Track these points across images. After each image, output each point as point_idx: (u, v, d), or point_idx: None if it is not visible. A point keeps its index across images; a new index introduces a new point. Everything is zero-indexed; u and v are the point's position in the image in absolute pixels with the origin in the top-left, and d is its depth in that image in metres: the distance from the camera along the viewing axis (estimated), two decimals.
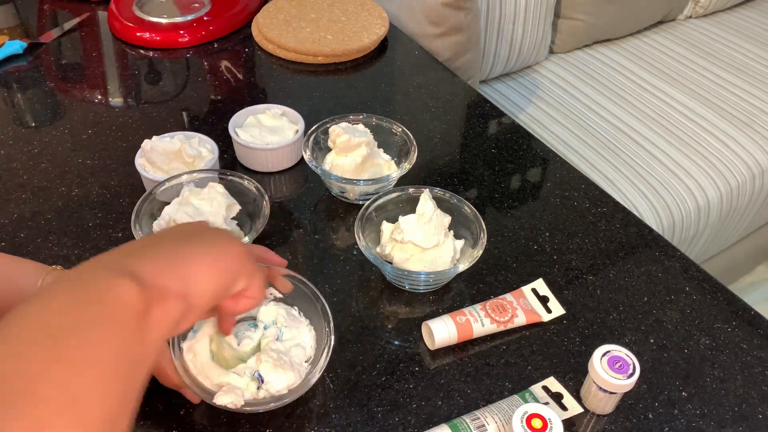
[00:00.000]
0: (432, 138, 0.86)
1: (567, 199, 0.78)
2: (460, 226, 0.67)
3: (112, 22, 1.03)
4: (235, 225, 0.67)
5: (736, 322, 0.65)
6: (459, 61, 1.13)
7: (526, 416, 0.50)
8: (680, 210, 1.19)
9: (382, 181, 0.72)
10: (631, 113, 1.34)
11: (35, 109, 0.89)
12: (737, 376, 0.60)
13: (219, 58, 0.99)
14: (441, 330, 0.60)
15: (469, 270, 0.65)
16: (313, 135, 0.75)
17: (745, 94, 1.41)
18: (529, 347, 0.62)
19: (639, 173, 1.21)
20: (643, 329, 0.64)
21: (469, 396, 0.58)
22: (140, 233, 0.63)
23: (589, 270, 0.70)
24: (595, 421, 0.57)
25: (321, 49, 0.97)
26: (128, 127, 0.85)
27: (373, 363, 0.60)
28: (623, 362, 0.54)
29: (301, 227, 0.73)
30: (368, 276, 0.68)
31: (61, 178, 0.77)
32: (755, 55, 1.54)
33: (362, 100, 0.92)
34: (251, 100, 0.91)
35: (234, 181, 0.68)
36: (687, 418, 0.57)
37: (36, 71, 0.95)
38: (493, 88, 1.42)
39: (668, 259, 0.71)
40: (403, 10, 1.11)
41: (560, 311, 0.65)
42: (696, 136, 1.30)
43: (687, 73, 1.47)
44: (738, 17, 1.70)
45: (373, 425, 0.55)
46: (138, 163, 0.73)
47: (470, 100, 0.94)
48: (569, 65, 1.48)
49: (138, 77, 0.95)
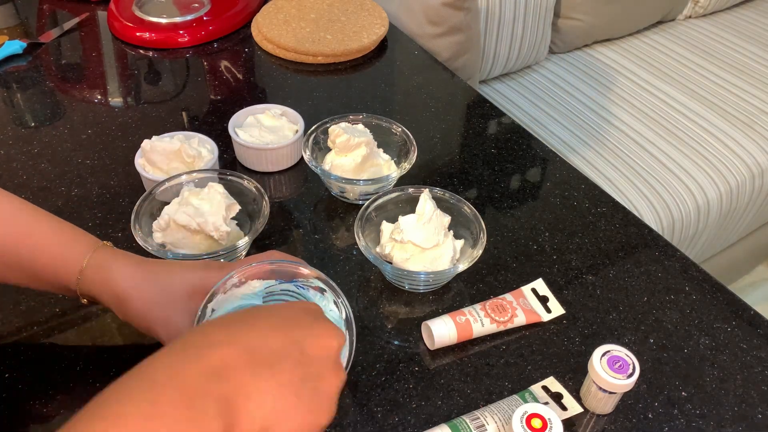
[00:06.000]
0: (432, 138, 0.86)
1: (567, 199, 0.78)
2: (460, 226, 0.67)
3: (112, 22, 1.03)
4: (235, 225, 0.67)
5: (736, 322, 0.65)
6: (459, 61, 1.13)
7: (526, 416, 0.50)
8: (680, 210, 1.19)
9: (382, 181, 0.72)
10: (631, 113, 1.34)
11: (35, 109, 0.88)
12: (737, 376, 0.60)
13: (219, 58, 0.99)
14: (441, 330, 0.60)
15: (469, 270, 0.65)
16: (313, 135, 0.75)
17: (744, 94, 1.41)
18: (529, 347, 0.62)
19: (639, 173, 1.21)
20: (642, 329, 0.64)
21: (468, 396, 0.58)
22: (140, 233, 0.62)
23: (589, 270, 0.70)
24: (595, 421, 0.57)
25: (321, 49, 0.97)
26: (128, 127, 0.85)
27: (373, 363, 0.60)
28: (623, 362, 0.54)
29: (301, 227, 0.73)
30: (368, 276, 0.68)
31: (61, 178, 0.77)
32: (755, 55, 1.54)
33: (362, 100, 0.92)
34: (251, 100, 0.91)
35: (234, 181, 0.68)
36: (687, 418, 0.57)
37: (36, 71, 0.95)
38: (493, 88, 1.42)
39: (668, 259, 0.71)
40: (402, 10, 1.11)
41: (560, 311, 0.65)
42: (696, 135, 1.30)
43: (687, 73, 1.47)
44: (738, 17, 1.70)
45: (373, 425, 0.55)
46: (138, 163, 0.73)
47: (470, 100, 0.94)
48: (569, 65, 1.48)
49: (138, 77, 0.95)
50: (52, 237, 0.53)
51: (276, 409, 0.37)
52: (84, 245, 0.53)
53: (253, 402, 0.37)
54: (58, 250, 0.53)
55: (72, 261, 0.53)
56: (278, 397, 0.38)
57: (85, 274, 0.52)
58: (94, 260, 0.52)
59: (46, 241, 0.53)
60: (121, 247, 0.56)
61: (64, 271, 0.53)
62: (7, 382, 0.56)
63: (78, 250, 0.53)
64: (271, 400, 0.37)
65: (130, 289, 0.52)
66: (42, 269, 0.53)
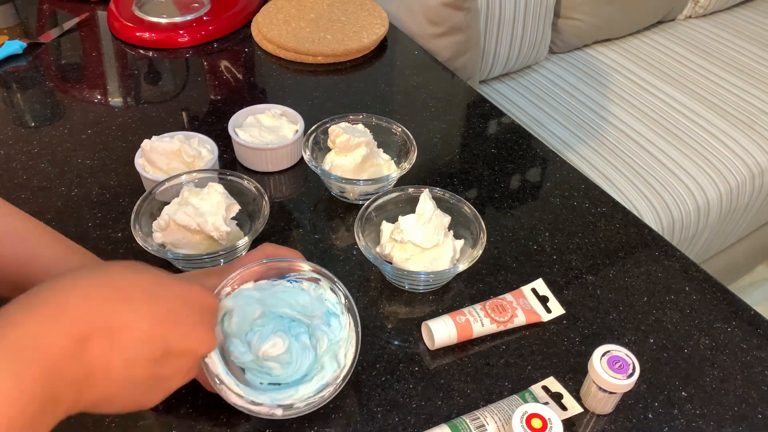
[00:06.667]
0: (432, 138, 0.86)
1: (567, 199, 0.78)
2: (460, 226, 0.67)
3: (112, 22, 1.02)
4: (235, 225, 0.67)
5: (736, 322, 0.65)
6: (459, 61, 1.13)
7: (526, 416, 0.50)
8: (680, 210, 1.19)
9: (382, 181, 0.72)
10: (631, 113, 1.34)
11: (35, 109, 0.88)
12: (737, 376, 0.60)
13: (218, 58, 0.99)
14: (441, 330, 0.60)
15: (469, 270, 0.65)
16: (313, 135, 0.75)
17: (744, 94, 1.41)
18: (529, 347, 0.62)
19: (639, 173, 1.21)
20: (643, 329, 0.64)
21: (468, 396, 0.58)
22: (140, 233, 0.63)
23: (589, 270, 0.70)
24: (595, 421, 0.57)
25: (321, 49, 0.97)
26: (128, 127, 0.85)
27: (373, 363, 0.60)
28: (623, 362, 0.54)
29: (301, 227, 0.73)
30: (368, 276, 0.68)
31: (61, 178, 0.77)
32: (755, 55, 1.54)
33: (362, 100, 0.92)
34: (251, 100, 0.91)
35: (234, 181, 0.68)
36: (687, 418, 0.57)
37: (35, 71, 0.95)
38: (493, 88, 1.42)
39: (668, 259, 0.71)
40: (402, 10, 1.11)
41: (560, 311, 0.65)
42: (696, 135, 1.30)
43: (687, 73, 1.47)
44: (737, 17, 1.70)
45: (373, 425, 0.55)
46: (137, 163, 0.73)
47: (470, 100, 0.94)
48: (569, 65, 1.48)
49: (137, 77, 0.95)
50: (57, 261, 0.54)
51: (117, 395, 0.41)
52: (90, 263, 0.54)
53: (100, 388, 0.39)
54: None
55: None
56: (123, 388, 0.40)
57: None
58: None
59: (53, 264, 0.53)
60: (121, 247, 0.56)
61: None
62: None
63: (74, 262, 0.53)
64: (115, 389, 0.40)
65: None
66: None
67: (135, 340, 0.40)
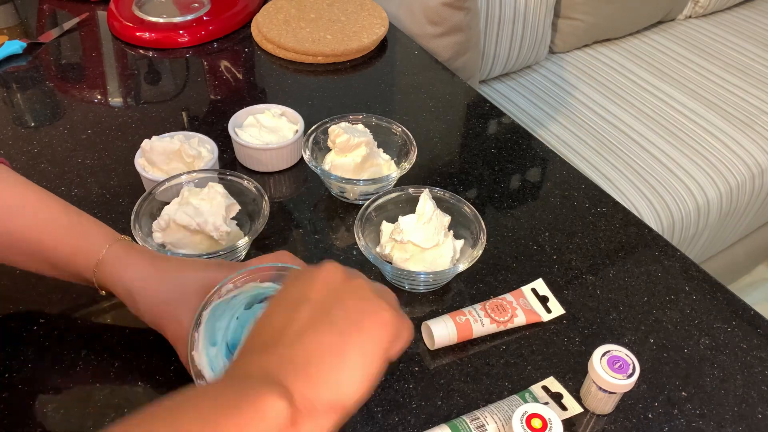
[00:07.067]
0: (432, 138, 0.86)
1: (567, 199, 0.78)
2: (460, 226, 0.67)
3: (112, 21, 1.02)
4: (235, 225, 0.67)
5: (736, 322, 0.65)
6: (459, 61, 1.13)
7: (526, 416, 0.50)
8: (680, 210, 1.19)
9: (382, 181, 0.72)
10: (631, 113, 1.34)
11: (35, 109, 0.88)
12: (737, 376, 0.60)
13: (218, 58, 0.99)
14: (441, 330, 0.60)
15: (469, 270, 0.65)
16: (313, 135, 0.75)
17: (744, 94, 1.41)
18: (529, 347, 0.62)
19: (639, 173, 1.21)
20: (642, 329, 0.64)
21: (468, 396, 0.58)
22: (140, 233, 0.63)
23: (589, 270, 0.70)
24: (595, 421, 0.57)
25: (321, 49, 0.97)
26: (128, 127, 0.85)
27: None
28: (623, 362, 0.54)
29: (301, 227, 0.73)
30: (368, 276, 0.68)
31: (61, 178, 0.77)
32: (755, 55, 1.54)
33: (362, 100, 0.92)
34: (251, 100, 0.91)
35: (234, 181, 0.68)
36: (687, 418, 0.57)
37: (35, 71, 0.95)
38: (493, 88, 1.42)
39: (668, 259, 0.71)
40: (402, 10, 1.11)
41: (560, 311, 0.65)
42: (695, 135, 1.30)
43: (687, 73, 1.47)
44: (738, 17, 1.70)
45: (373, 425, 0.55)
46: (137, 163, 0.73)
47: (470, 100, 0.94)
48: (569, 65, 1.48)
49: (137, 77, 0.95)
50: (72, 229, 0.55)
51: None
52: (102, 238, 0.55)
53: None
54: (77, 242, 0.54)
55: (89, 254, 0.54)
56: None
57: (101, 267, 0.54)
58: (110, 254, 0.54)
59: (66, 232, 0.55)
60: None
61: (83, 263, 0.54)
62: (7, 382, 0.56)
63: (95, 243, 0.54)
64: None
65: (140, 284, 0.53)
66: (62, 260, 0.54)
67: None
